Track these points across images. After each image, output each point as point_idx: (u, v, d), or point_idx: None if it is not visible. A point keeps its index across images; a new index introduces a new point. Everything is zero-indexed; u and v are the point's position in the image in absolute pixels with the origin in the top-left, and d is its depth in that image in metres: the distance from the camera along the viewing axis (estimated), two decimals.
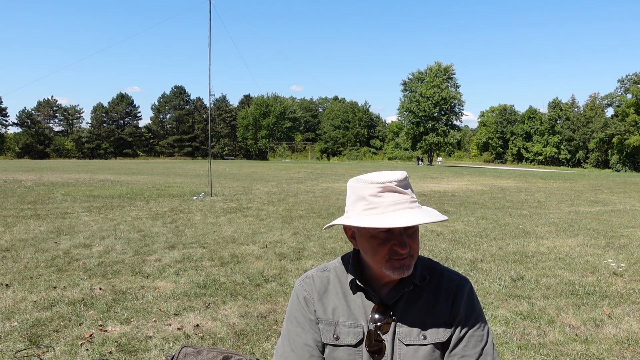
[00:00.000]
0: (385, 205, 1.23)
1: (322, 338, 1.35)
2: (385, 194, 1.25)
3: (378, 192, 1.25)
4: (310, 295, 1.39)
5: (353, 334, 1.33)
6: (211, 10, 15.24)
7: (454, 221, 9.51)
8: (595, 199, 14.86)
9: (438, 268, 1.41)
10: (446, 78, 58.22)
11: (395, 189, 1.25)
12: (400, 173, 1.28)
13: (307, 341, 1.35)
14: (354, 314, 1.34)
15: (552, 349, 3.38)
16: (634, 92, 58.85)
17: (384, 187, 1.25)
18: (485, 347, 1.32)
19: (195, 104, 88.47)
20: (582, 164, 66.14)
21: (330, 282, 1.40)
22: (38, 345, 3.32)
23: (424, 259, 1.42)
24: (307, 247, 6.78)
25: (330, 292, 1.39)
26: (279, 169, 35.64)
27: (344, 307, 1.35)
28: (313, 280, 1.42)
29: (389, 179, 1.25)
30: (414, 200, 1.26)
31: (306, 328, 1.37)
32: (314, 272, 1.45)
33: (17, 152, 77.10)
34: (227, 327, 3.71)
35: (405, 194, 1.25)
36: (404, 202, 1.24)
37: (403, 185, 1.26)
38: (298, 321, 1.38)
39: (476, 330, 1.33)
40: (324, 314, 1.36)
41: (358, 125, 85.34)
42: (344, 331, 1.33)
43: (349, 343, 1.32)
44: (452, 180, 24.65)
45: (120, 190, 15.34)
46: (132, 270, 5.38)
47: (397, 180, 1.25)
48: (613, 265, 5.80)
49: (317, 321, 1.37)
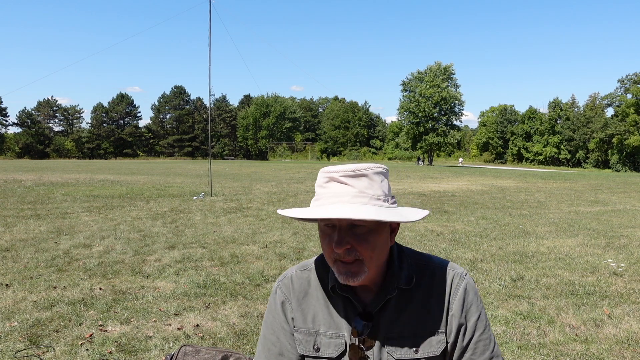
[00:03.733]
0: (326, 196, 1.14)
1: (301, 349, 1.25)
2: (329, 184, 1.15)
3: (324, 183, 1.16)
4: (289, 299, 1.28)
5: (334, 345, 1.21)
6: (211, 11, 15.26)
7: (454, 221, 9.51)
8: (595, 199, 14.86)
9: (429, 266, 1.25)
10: (446, 78, 58.19)
11: (339, 179, 1.13)
12: (356, 165, 1.14)
13: (281, 351, 1.27)
14: (335, 323, 1.22)
15: (552, 349, 3.37)
16: (634, 92, 58.87)
17: (330, 178, 1.15)
18: (495, 349, 1.22)
19: (195, 104, 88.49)
20: (582, 164, 66.15)
21: (310, 285, 1.28)
22: (38, 345, 3.32)
23: (413, 257, 1.27)
24: (307, 247, 6.78)
25: (310, 295, 1.27)
26: (279, 169, 35.64)
27: (325, 314, 1.24)
28: (292, 282, 1.30)
29: (336, 170, 1.15)
30: (364, 195, 1.11)
31: (281, 338, 1.27)
32: (293, 272, 1.33)
33: (17, 152, 77.13)
34: (227, 327, 3.71)
35: (350, 186, 1.12)
36: (345, 194, 1.11)
37: (352, 177, 1.13)
38: (273, 329, 1.29)
39: (482, 334, 1.21)
40: (303, 322, 1.25)
41: (358, 125, 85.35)
42: (324, 342, 1.22)
43: (330, 356, 1.21)
44: (452, 180, 24.64)
45: (120, 190, 15.34)
46: (132, 270, 5.38)
47: (343, 172, 1.13)
48: (613, 265, 5.79)
49: (293, 331, 1.27)
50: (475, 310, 1.22)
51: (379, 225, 1.14)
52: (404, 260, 1.24)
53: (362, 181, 1.13)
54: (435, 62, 59.60)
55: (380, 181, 1.15)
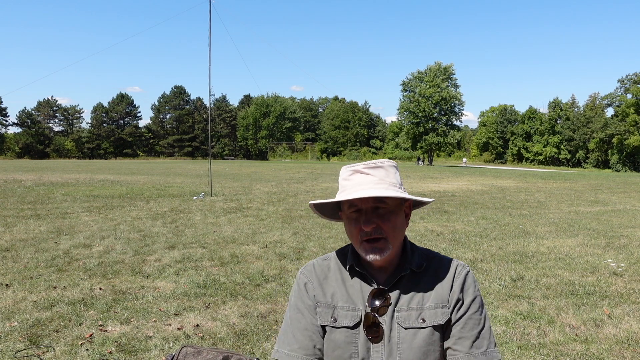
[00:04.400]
0: (351, 186, 1.34)
1: (321, 320, 1.38)
2: (353, 176, 1.35)
3: (348, 176, 1.36)
4: (311, 281, 1.44)
5: (350, 316, 1.35)
6: (211, 11, 15.26)
7: (454, 221, 9.51)
8: (595, 199, 14.86)
9: (437, 257, 1.44)
10: (446, 78, 58.21)
11: (362, 170, 1.34)
12: (379, 160, 1.36)
13: (306, 326, 1.39)
14: (352, 298, 1.38)
15: (552, 349, 3.38)
16: (634, 92, 58.87)
17: (354, 170, 1.36)
18: (483, 331, 1.33)
19: (195, 104, 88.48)
20: (582, 164, 66.16)
21: (330, 270, 1.45)
22: (38, 345, 3.32)
23: (423, 250, 1.46)
24: (307, 247, 6.78)
25: (330, 278, 1.43)
26: (279, 169, 35.64)
27: (343, 292, 1.39)
28: (314, 268, 1.47)
29: (357, 164, 1.36)
30: (383, 182, 1.33)
31: (305, 314, 1.40)
32: (315, 261, 1.51)
33: (17, 152, 77.12)
34: (227, 327, 3.71)
35: (371, 175, 1.33)
36: (367, 182, 1.32)
37: (372, 168, 1.34)
38: (298, 308, 1.42)
39: (474, 313, 1.34)
40: (323, 297, 1.41)
41: (358, 125, 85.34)
42: (341, 314, 1.36)
43: (346, 325, 1.35)
44: (452, 180, 24.64)
45: (120, 190, 15.34)
46: (132, 270, 5.38)
47: (364, 164, 1.35)
48: (613, 265, 5.79)
49: (316, 305, 1.41)
50: (472, 293, 1.37)
51: (397, 208, 1.35)
52: (415, 249, 1.44)
53: (380, 171, 1.35)
54: (435, 62, 59.68)
55: (394, 173, 1.37)
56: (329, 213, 1.47)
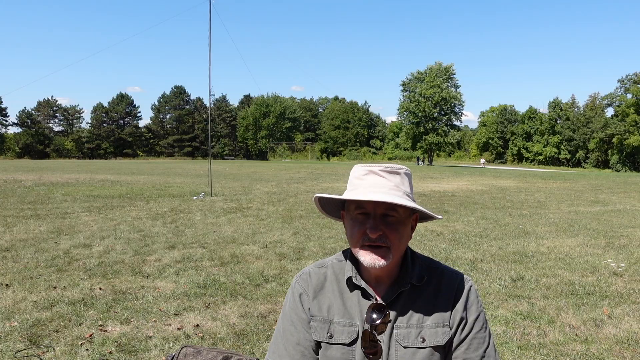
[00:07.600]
0: (364, 186, 1.27)
1: (316, 336, 1.33)
2: (368, 177, 1.28)
3: (362, 175, 1.29)
4: (306, 291, 1.38)
5: (347, 332, 1.30)
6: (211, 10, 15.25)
7: (454, 221, 9.51)
8: (595, 199, 14.86)
9: (438, 268, 1.38)
10: (446, 78, 58.23)
11: (378, 173, 1.27)
12: (396, 166, 1.29)
13: (299, 341, 1.34)
14: (349, 313, 1.32)
15: (552, 349, 3.37)
16: (634, 92, 58.86)
17: (369, 171, 1.28)
18: (488, 350, 1.31)
19: (195, 104, 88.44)
20: (582, 164, 66.17)
21: (327, 279, 1.38)
22: (38, 345, 3.32)
23: (424, 259, 1.40)
24: (307, 247, 6.78)
25: (326, 289, 1.37)
26: (279, 169, 35.64)
27: (340, 305, 1.34)
28: (310, 277, 1.40)
29: (374, 165, 1.29)
30: (398, 189, 1.26)
31: (298, 328, 1.35)
32: (311, 268, 1.43)
33: (17, 152, 77.09)
34: (227, 327, 3.71)
35: (387, 179, 1.26)
36: (382, 186, 1.25)
37: (389, 172, 1.27)
38: (292, 320, 1.37)
39: (478, 332, 1.31)
40: (319, 311, 1.35)
41: (358, 125, 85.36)
42: (338, 330, 1.31)
43: (342, 342, 1.30)
44: (452, 180, 24.65)
45: (120, 190, 15.34)
46: (132, 270, 5.38)
47: (381, 167, 1.28)
48: (613, 265, 5.79)
49: (310, 319, 1.35)
50: (475, 310, 1.33)
51: (406, 219, 1.29)
52: (416, 260, 1.37)
53: (397, 178, 1.28)
54: (435, 62, 59.69)
55: (408, 182, 1.31)
56: (330, 209, 1.41)
